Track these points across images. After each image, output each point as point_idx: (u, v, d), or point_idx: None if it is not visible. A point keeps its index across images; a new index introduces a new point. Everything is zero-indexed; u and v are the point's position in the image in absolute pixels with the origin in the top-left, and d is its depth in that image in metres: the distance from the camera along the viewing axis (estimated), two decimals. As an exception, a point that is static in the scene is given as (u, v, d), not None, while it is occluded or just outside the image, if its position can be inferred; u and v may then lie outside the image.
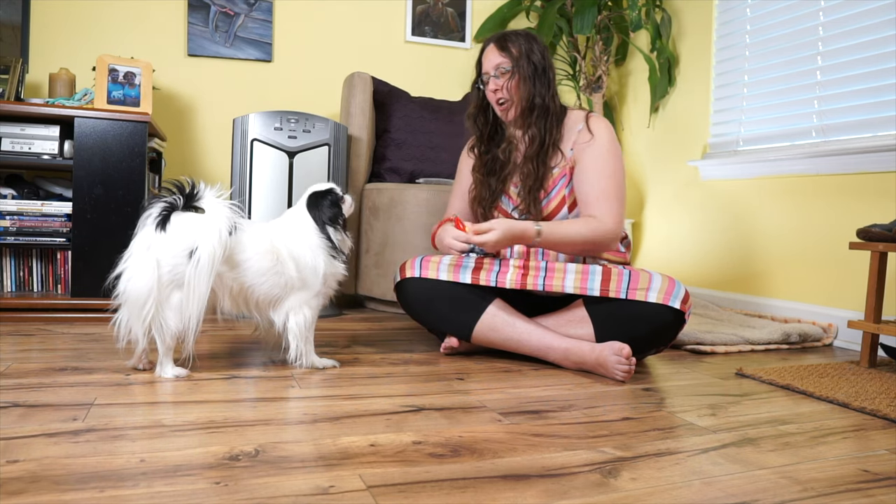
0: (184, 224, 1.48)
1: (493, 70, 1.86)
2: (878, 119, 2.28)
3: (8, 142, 2.27)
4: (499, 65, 1.85)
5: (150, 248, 1.46)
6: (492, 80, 1.86)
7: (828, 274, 2.42)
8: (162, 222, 1.48)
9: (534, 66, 1.84)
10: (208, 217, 1.50)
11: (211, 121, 3.05)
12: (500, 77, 1.85)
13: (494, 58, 1.86)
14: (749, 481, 1.03)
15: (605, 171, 1.81)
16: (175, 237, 1.47)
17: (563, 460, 1.09)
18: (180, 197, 1.51)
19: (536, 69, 1.84)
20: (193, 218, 1.50)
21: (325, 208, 1.68)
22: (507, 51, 1.85)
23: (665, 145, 3.27)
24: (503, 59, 1.84)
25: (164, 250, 1.46)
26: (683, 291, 1.69)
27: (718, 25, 3.00)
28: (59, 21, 2.81)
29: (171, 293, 1.47)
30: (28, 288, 2.40)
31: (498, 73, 1.85)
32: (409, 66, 3.37)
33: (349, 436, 1.17)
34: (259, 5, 3.08)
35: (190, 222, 1.49)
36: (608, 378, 1.66)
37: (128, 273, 1.47)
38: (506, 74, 1.84)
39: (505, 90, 1.84)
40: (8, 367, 1.57)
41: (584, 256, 1.86)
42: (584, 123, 1.87)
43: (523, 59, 1.84)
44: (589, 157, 1.83)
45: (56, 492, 0.89)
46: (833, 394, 1.56)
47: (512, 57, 1.84)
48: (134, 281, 1.45)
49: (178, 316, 1.47)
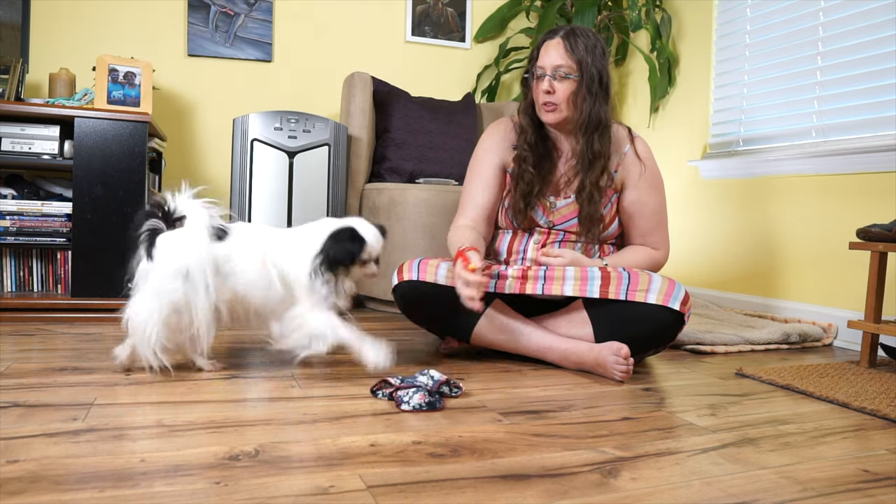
0: (169, 246, 1.47)
1: (550, 69, 1.73)
2: (878, 119, 2.28)
3: (8, 142, 2.27)
4: (559, 66, 1.72)
5: (146, 278, 1.47)
6: (546, 79, 1.74)
7: (828, 274, 2.42)
8: (148, 249, 1.47)
9: (598, 77, 1.73)
10: (188, 231, 1.49)
11: (211, 121, 3.05)
12: (557, 80, 1.73)
13: (557, 56, 1.73)
14: (749, 481, 1.03)
15: (660, 203, 1.88)
16: (163, 263, 1.46)
17: (563, 460, 1.09)
18: (161, 217, 1.50)
19: (600, 81, 1.73)
20: (176, 237, 1.48)
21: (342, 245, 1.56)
22: (574, 53, 1.71)
23: (665, 145, 3.27)
24: (567, 63, 1.72)
25: (156, 278, 1.45)
26: (683, 293, 1.69)
27: (718, 25, 3.00)
28: (59, 21, 2.81)
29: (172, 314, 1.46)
30: (28, 288, 2.40)
31: (556, 75, 1.73)
32: (409, 66, 3.37)
33: (349, 436, 1.17)
34: (259, 5, 3.08)
35: (173, 242, 1.48)
36: (607, 378, 1.66)
37: (133, 304, 1.47)
38: (565, 80, 1.73)
39: (560, 96, 1.74)
40: (8, 367, 1.57)
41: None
42: (630, 145, 1.85)
43: (589, 68, 1.72)
44: (645, 190, 1.85)
45: (56, 492, 0.89)
46: (833, 394, 1.56)
47: (577, 62, 1.71)
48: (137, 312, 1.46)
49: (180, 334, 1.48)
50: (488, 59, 3.47)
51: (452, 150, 2.94)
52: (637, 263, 1.82)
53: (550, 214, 1.87)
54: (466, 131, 3.03)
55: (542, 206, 1.87)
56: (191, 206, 1.51)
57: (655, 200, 1.88)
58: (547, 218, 1.87)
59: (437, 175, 2.90)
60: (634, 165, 1.84)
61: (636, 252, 1.88)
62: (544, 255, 1.73)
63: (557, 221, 1.86)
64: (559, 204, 1.86)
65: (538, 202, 1.86)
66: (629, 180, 1.86)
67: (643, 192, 1.86)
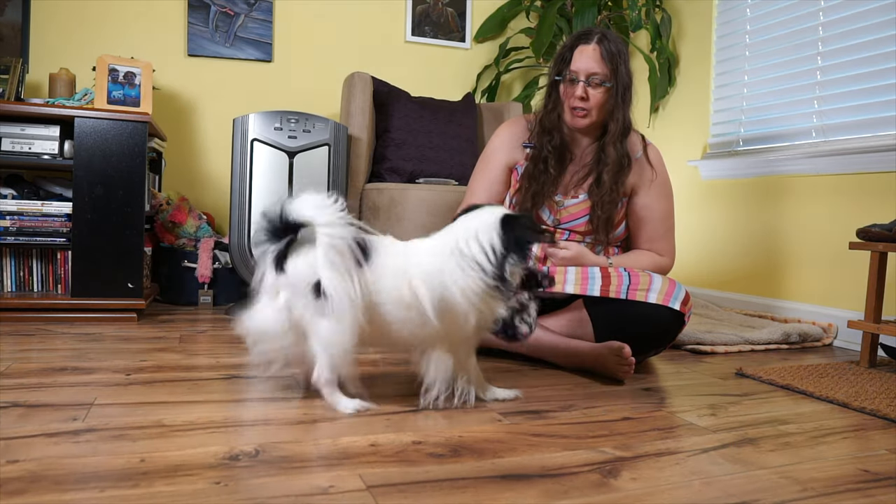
0: (301, 258, 1.26)
1: (584, 75, 1.73)
2: (878, 119, 2.28)
3: (8, 142, 2.27)
4: (595, 73, 1.72)
5: (278, 292, 1.29)
6: (580, 85, 1.73)
7: (828, 274, 2.42)
8: (278, 261, 1.27)
9: (628, 85, 1.76)
10: (321, 243, 1.24)
11: (211, 121, 3.05)
12: (592, 87, 1.73)
13: (592, 63, 1.72)
14: (749, 481, 1.03)
15: (669, 210, 1.89)
16: (296, 275, 1.26)
17: (563, 460, 1.09)
18: (285, 226, 1.27)
19: (629, 88, 1.77)
20: (309, 248, 1.27)
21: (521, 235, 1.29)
22: (609, 61, 1.72)
23: (665, 145, 3.25)
24: (602, 70, 1.72)
25: (289, 292, 1.28)
26: (684, 293, 1.69)
27: (718, 25, 3.00)
28: (59, 21, 2.81)
29: (305, 332, 1.30)
30: (28, 288, 2.39)
31: (591, 82, 1.73)
32: (409, 66, 3.37)
33: (349, 436, 1.16)
34: (259, 5, 3.08)
35: (308, 255, 1.26)
36: (608, 378, 1.66)
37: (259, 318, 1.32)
38: (599, 87, 1.73)
39: (594, 103, 1.74)
40: (8, 367, 1.57)
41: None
42: (642, 152, 1.87)
43: (623, 77, 1.74)
44: (655, 196, 1.86)
45: (56, 492, 0.89)
46: (833, 394, 1.56)
47: (612, 71, 1.72)
48: (266, 328, 1.31)
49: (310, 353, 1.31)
50: (488, 59, 3.47)
51: (452, 150, 2.94)
52: (641, 267, 1.82)
53: (557, 213, 1.87)
54: (466, 131, 3.03)
55: (549, 205, 1.87)
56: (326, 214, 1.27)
57: (664, 207, 1.89)
58: (554, 216, 1.87)
59: (437, 175, 2.90)
60: (646, 171, 1.86)
61: (641, 256, 1.88)
62: (551, 247, 1.73)
63: (564, 220, 1.87)
64: (567, 203, 1.86)
65: (546, 201, 1.86)
66: (640, 185, 1.86)
67: (653, 198, 1.87)
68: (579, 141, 1.88)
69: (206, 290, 2.72)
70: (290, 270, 1.26)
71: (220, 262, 2.74)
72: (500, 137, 1.96)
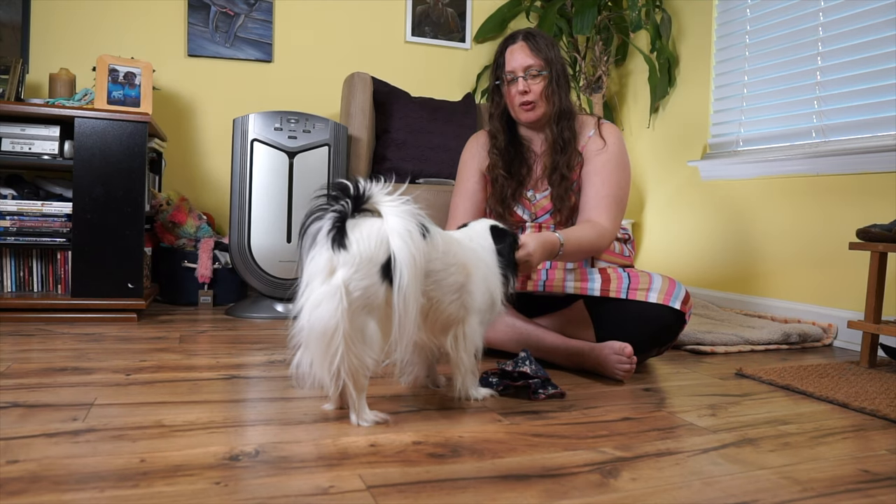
0: (366, 233, 1.18)
1: (521, 71, 1.79)
2: (878, 119, 2.28)
3: (8, 142, 2.27)
4: (530, 66, 1.78)
5: (333, 272, 1.16)
6: (520, 80, 1.79)
7: (828, 274, 2.42)
8: (338, 237, 1.16)
9: (562, 70, 1.82)
10: (392, 220, 1.19)
11: (211, 121, 3.05)
12: (529, 79, 1.79)
13: (524, 58, 1.79)
14: (749, 481, 1.03)
15: (611, 179, 1.82)
16: (360, 252, 1.16)
17: (563, 460, 1.09)
18: (347, 201, 1.20)
19: (564, 73, 1.82)
20: (374, 224, 1.20)
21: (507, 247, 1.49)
22: (539, 52, 1.78)
23: (665, 145, 3.27)
24: (535, 62, 1.78)
25: (350, 271, 1.15)
26: (684, 292, 1.69)
27: (718, 25, 3.01)
28: (59, 21, 2.81)
29: (366, 323, 1.18)
30: (28, 288, 2.40)
31: (528, 75, 1.79)
32: (409, 66, 3.37)
33: (349, 436, 1.16)
34: (259, 5, 3.08)
35: (372, 230, 1.19)
36: (608, 378, 1.66)
37: (309, 306, 1.16)
38: (537, 78, 1.79)
39: (535, 93, 1.79)
40: (8, 367, 1.57)
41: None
42: (595, 129, 1.87)
43: (555, 64, 1.81)
44: (597, 163, 1.83)
45: (56, 492, 0.89)
46: (833, 394, 1.56)
47: (545, 60, 1.78)
48: (318, 314, 1.15)
49: (373, 350, 1.19)
50: (488, 59, 3.47)
51: (452, 151, 2.94)
52: (588, 237, 1.73)
53: (532, 208, 1.89)
54: (466, 131, 3.02)
55: (524, 202, 1.89)
56: (391, 205, 1.23)
57: (607, 174, 1.82)
58: (529, 212, 1.89)
59: (437, 175, 2.90)
60: (595, 143, 1.85)
61: (584, 227, 1.79)
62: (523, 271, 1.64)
63: (539, 214, 1.88)
64: (538, 197, 1.88)
65: (516, 202, 1.88)
66: (587, 156, 1.86)
67: (596, 164, 1.83)
68: (536, 137, 1.91)
69: (206, 291, 2.72)
70: (353, 247, 1.16)
71: (220, 263, 2.74)
72: (469, 150, 2.01)
